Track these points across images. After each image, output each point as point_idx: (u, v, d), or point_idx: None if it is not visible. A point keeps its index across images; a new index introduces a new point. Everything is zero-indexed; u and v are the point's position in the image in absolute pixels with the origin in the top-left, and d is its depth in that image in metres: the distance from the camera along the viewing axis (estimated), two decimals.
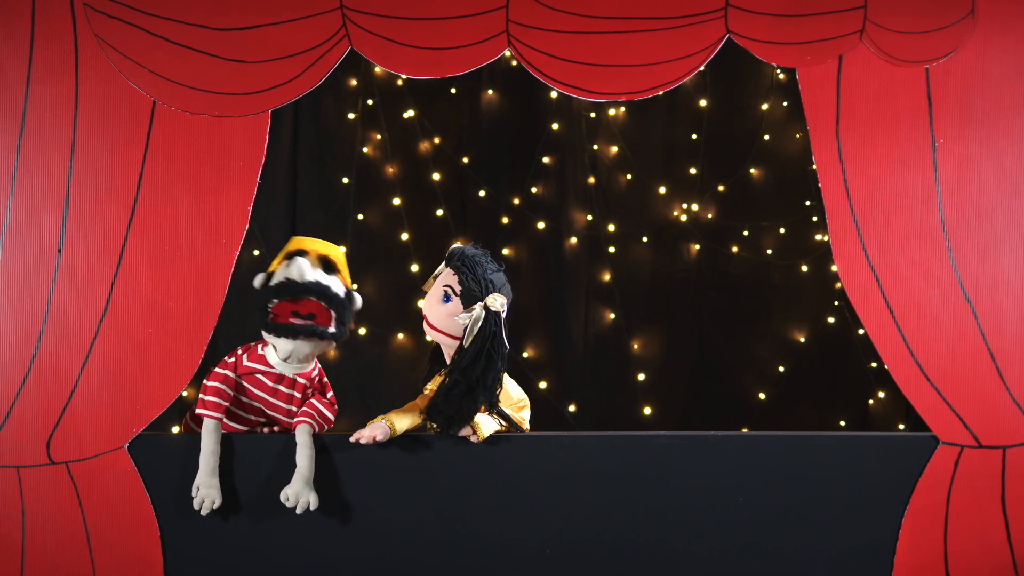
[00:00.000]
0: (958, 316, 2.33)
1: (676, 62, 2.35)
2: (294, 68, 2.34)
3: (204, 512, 2.21)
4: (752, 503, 2.32)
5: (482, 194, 3.98)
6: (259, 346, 2.36)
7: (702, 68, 2.40)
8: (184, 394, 2.51)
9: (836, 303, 4.01)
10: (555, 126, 4.00)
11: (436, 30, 2.35)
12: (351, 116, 3.92)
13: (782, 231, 4.07)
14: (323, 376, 2.47)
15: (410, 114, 3.94)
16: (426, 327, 2.35)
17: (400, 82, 3.91)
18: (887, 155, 2.34)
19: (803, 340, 4.05)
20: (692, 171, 4.08)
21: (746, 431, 3.76)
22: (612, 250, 4.03)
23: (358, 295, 2.39)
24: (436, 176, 3.95)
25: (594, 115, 4.03)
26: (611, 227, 4.04)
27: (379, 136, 3.94)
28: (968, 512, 2.34)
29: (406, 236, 3.92)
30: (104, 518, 2.32)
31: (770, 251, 4.07)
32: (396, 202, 3.93)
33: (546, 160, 4.01)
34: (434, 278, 2.38)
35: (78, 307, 2.30)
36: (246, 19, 2.33)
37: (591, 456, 2.34)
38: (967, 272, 2.34)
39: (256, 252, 3.78)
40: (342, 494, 2.31)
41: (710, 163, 4.07)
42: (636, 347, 4.04)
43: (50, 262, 2.31)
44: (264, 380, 2.34)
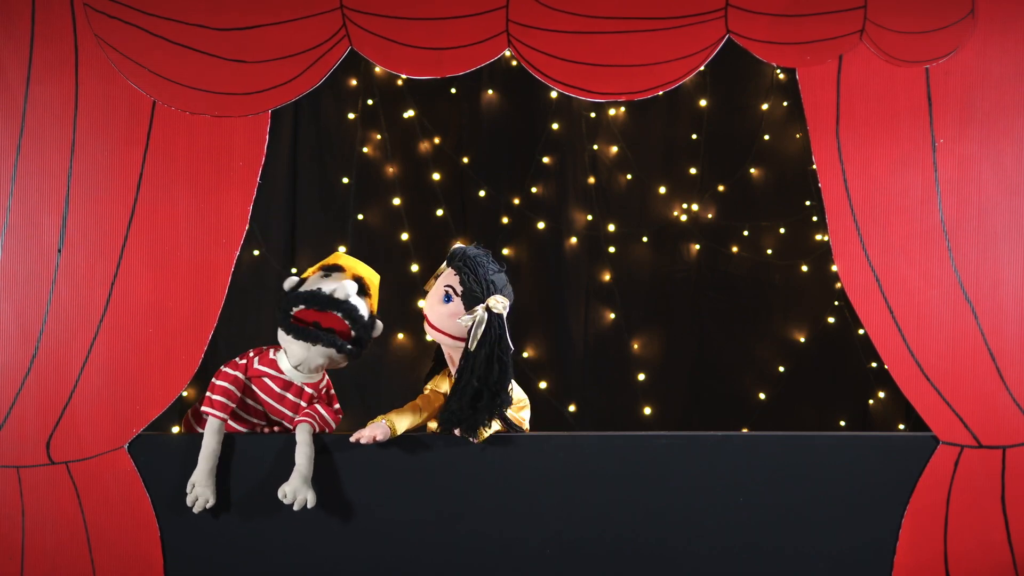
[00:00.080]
0: (958, 316, 2.33)
1: (676, 62, 2.35)
2: (294, 68, 2.34)
3: (196, 510, 2.21)
4: (752, 503, 2.32)
5: (482, 194, 3.98)
6: (271, 350, 2.37)
7: (702, 68, 2.40)
8: (184, 394, 2.51)
9: (836, 303, 4.01)
10: (555, 126, 4.00)
11: (436, 30, 2.35)
12: (351, 116, 3.92)
13: (782, 231, 4.08)
14: (331, 388, 2.49)
15: (410, 114, 3.94)
16: (426, 327, 2.35)
17: (400, 82, 3.91)
18: (887, 155, 2.34)
19: (803, 340, 4.06)
20: (692, 171, 4.08)
21: (746, 431, 3.76)
22: (612, 250, 4.03)
23: (380, 323, 2.40)
24: (436, 176, 3.95)
25: (594, 115, 4.03)
26: (611, 227, 4.04)
27: (379, 136, 3.94)
28: (968, 512, 2.34)
29: (406, 236, 3.92)
30: (104, 518, 2.32)
31: (770, 251, 4.07)
32: (396, 202, 3.93)
33: (546, 160, 4.01)
34: (435, 278, 2.38)
35: (78, 307, 2.30)
36: (246, 19, 2.33)
37: (591, 456, 2.34)
38: (967, 272, 2.34)
39: (256, 252, 3.78)
40: (342, 494, 2.31)
41: (710, 163, 4.07)
42: (636, 347, 4.04)
43: (50, 262, 2.31)
44: (272, 385, 2.35)
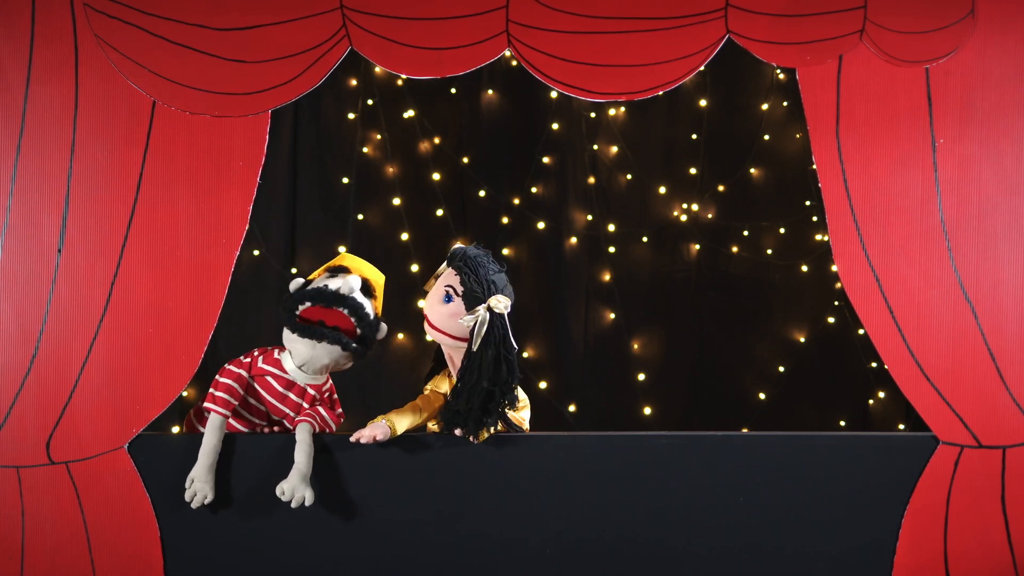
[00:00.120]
0: (958, 316, 2.33)
1: (676, 62, 2.35)
2: (294, 68, 2.34)
3: (194, 506, 2.21)
4: (752, 503, 2.32)
5: (482, 194, 3.98)
6: (276, 350, 2.37)
7: (702, 68, 2.40)
8: (184, 394, 2.51)
9: (836, 303, 4.01)
10: (555, 126, 4.00)
11: (436, 30, 2.35)
12: (351, 116, 3.92)
13: (782, 231, 4.08)
14: (334, 392, 2.49)
15: (410, 114, 3.94)
16: (427, 327, 2.35)
17: (400, 82, 3.92)
18: (887, 155, 2.34)
19: (803, 340, 4.06)
20: (692, 171, 4.08)
21: (746, 431, 3.76)
22: (612, 250, 4.04)
23: (384, 325, 2.41)
24: (436, 176, 3.95)
25: (594, 115, 4.03)
26: (611, 227, 4.04)
27: (379, 136, 3.94)
28: (968, 512, 2.34)
29: (406, 236, 3.92)
30: (104, 518, 2.32)
31: (770, 251, 4.07)
32: (396, 202, 3.93)
33: (546, 160, 4.02)
34: (435, 278, 2.37)
35: (78, 307, 2.30)
36: (246, 19, 2.33)
37: (591, 456, 2.34)
38: (967, 272, 2.34)
39: (256, 252, 3.78)
40: (342, 494, 2.31)
41: (710, 163, 4.07)
42: (636, 347, 4.04)
43: (50, 262, 2.31)
44: (275, 384, 2.35)
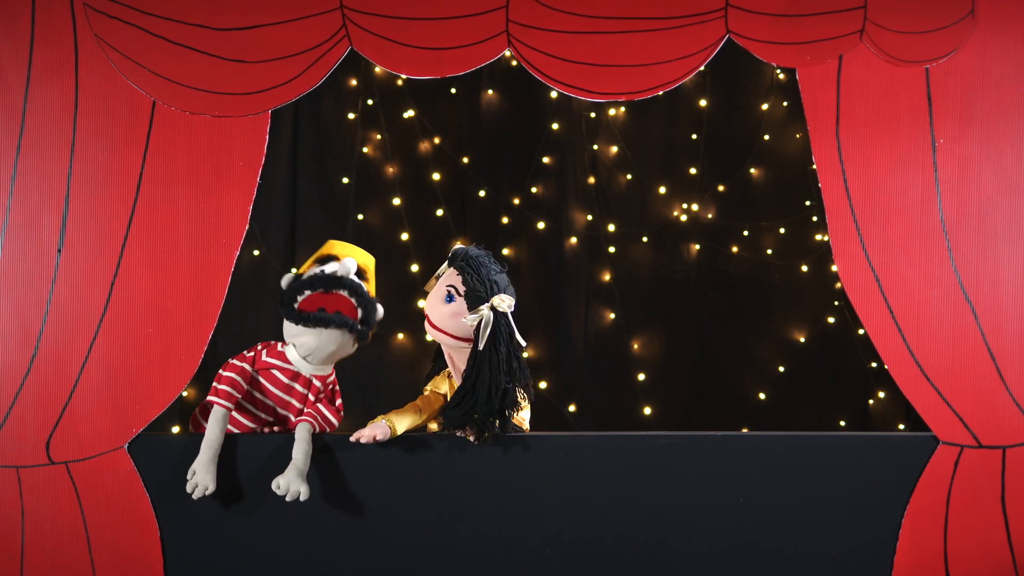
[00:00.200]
0: (958, 316, 2.33)
1: (676, 62, 2.35)
2: (294, 68, 2.34)
3: (195, 496, 2.18)
4: (752, 503, 2.32)
5: (482, 194, 3.98)
6: (279, 344, 2.38)
7: (702, 68, 2.40)
8: (184, 394, 2.51)
9: (836, 303, 4.01)
10: (555, 126, 4.00)
11: (436, 30, 2.35)
12: (351, 116, 3.92)
13: (782, 231, 4.08)
14: (336, 385, 2.49)
15: (410, 114, 3.94)
16: (427, 326, 2.35)
17: (400, 82, 3.92)
18: (887, 155, 2.34)
19: (803, 340, 4.06)
20: (692, 171, 4.08)
21: (746, 431, 3.76)
22: (612, 250, 4.04)
23: (381, 307, 2.40)
24: (436, 176, 3.95)
25: (594, 115, 4.04)
26: (611, 227, 4.04)
27: (379, 136, 3.94)
28: (968, 512, 2.34)
29: (406, 236, 3.92)
30: (104, 518, 2.32)
31: (770, 251, 4.08)
32: (396, 202, 3.93)
33: (546, 160, 4.02)
34: (436, 278, 2.37)
35: (78, 307, 2.30)
36: (246, 19, 2.33)
37: (591, 456, 2.34)
38: (967, 272, 2.34)
39: (256, 252, 3.78)
40: (342, 494, 2.31)
41: (710, 163, 4.07)
42: (636, 347, 4.04)
43: (50, 262, 2.31)
44: (280, 377, 2.35)
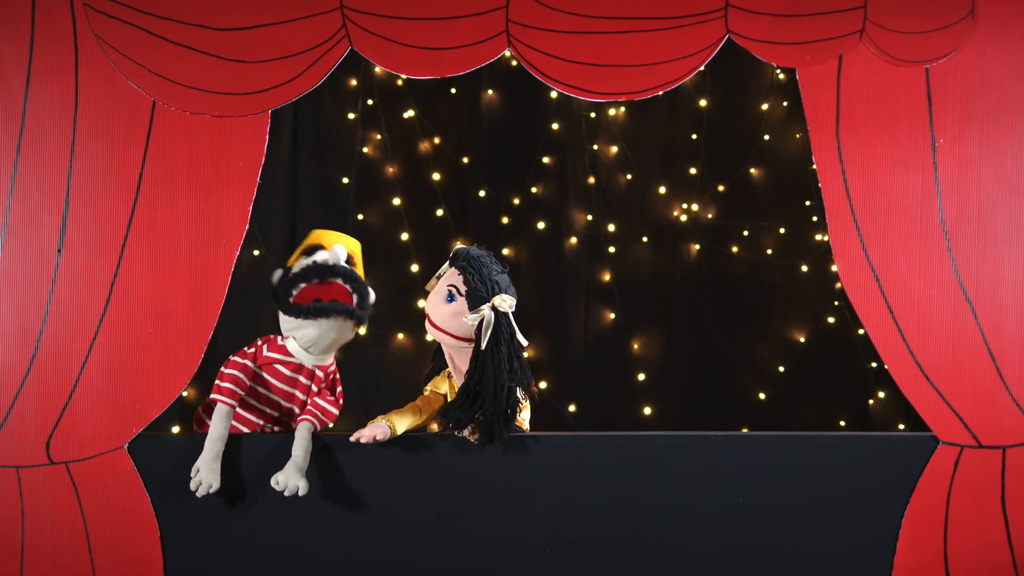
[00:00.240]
0: (958, 316, 2.33)
1: (676, 62, 2.35)
2: (294, 68, 2.34)
3: (200, 494, 2.17)
4: (752, 503, 2.32)
5: (482, 194, 3.98)
6: (279, 338, 2.38)
7: (702, 68, 2.40)
8: (184, 394, 2.51)
9: (836, 303, 4.01)
10: (555, 126, 4.00)
11: (436, 30, 2.35)
12: (351, 116, 3.92)
13: (782, 231, 4.08)
14: (337, 374, 2.49)
15: (410, 114, 3.94)
16: (428, 326, 2.35)
17: (400, 82, 3.91)
18: (887, 155, 2.34)
19: (803, 340, 4.06)
20: (692, 171, 4.08)
21: (746, 431, 3.76)
22: (612, 250, 4.04)
23: (372, 291, 2.40)
24: (436, 176, 3.95)
25: (594, 115, 4.03)
26: (611, 227, 4.04)
27: (379, 136, 3.94)
28: (968, 512, 2.34)
29: (406, 236, 3.92)
30: (104, 518, 2.32)
31: (770, 251, 4.07)
32: (396, 202, 3.93)
33: (546, 160, 4.02)
34: (437, 277, 2.37)
35: (78, 307, 2.30)
36: (246, 19, 2.33)
37: (591, 456, 2.34)
38: (967, 272, 2.34)
39: (256, 252, 3.78)
40: (342, 494, 2.31)
41: (710, 163, 4.07)
42: (636, 347, 4.04)
43: (50, 262, 2.31)
44: (283, 370, 2.35)
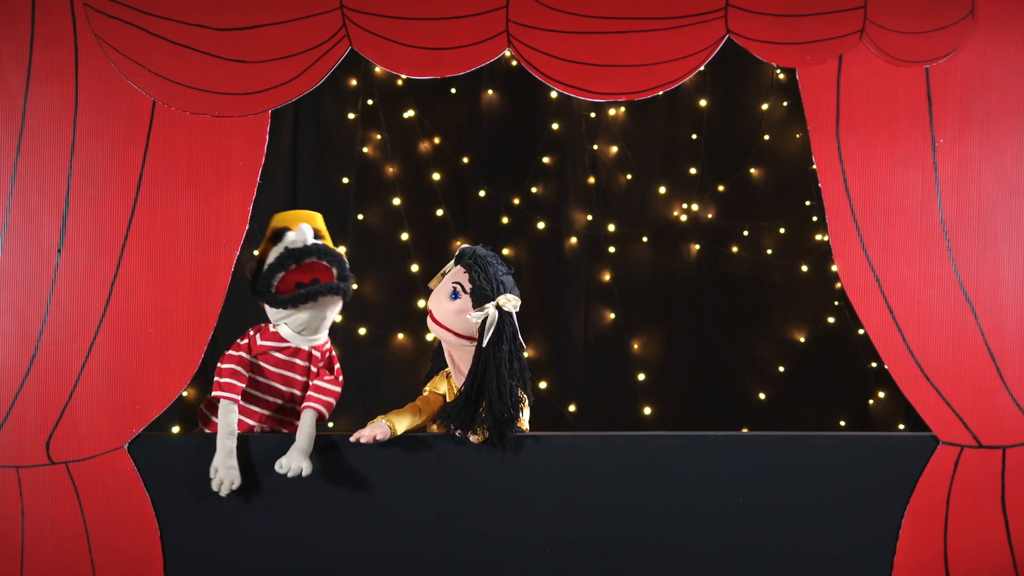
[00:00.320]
0: (958, 316, 2.33)
1: (676, 62, 2.35)
2: (294, 68, 2.34)
3: (224, 493, 2.20)
4: (752, 503, 2.32)
5: (482, 194, 3.98)
6: (270, 324, 2.38)
7: (702, 68, 2.40)
8: (184, 394, 2.51)
9: (836, 303, 4.01)
10: (555, 126, 4.00)
11: (436, 30, 2.35)
12: (351, 116, 3.92)
13: (782, 231, 4.08)
14: (332, 351, 2.49)
15: (410, 114, 3.94)
16: (430, 323, 2.34)
17: (400, 82, 3.92)
18: (887, 155, 2.34)
19: (803, 340, 4.06)
20: (692, 171, 4.08)
21: (746, 431, 3.76)
22: (612, 250, 4.04)
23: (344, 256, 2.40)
24: (436, 176, 3.96)
25: (594, 115, 4.04)
26: (611, 227, 4.04)
27: (379, 136, 3.94)
28: (968, 512, 2.34)
29: (406, 236, 3.92)
30: (104, 518, 2.32)
31: (770, 251, 4.08)
32: (396, 202, 3.93)
33: (546, 160, 4.02)
34: (442, 275, 2.38)
35: (78, 307, 2.30)
36: (246, 19, 2.33)
37: (591, 456, 2.34)
38: (967, 272, 2.34)
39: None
40: (342, 494, 2.31)
41: (710, 163, 4.07)
42: (636, 347, 4.04)
43: (50, 262, 2.31)
44: (280, 356, 2.36)
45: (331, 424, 3.61)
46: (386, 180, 3.95)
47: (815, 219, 4.00)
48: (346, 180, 3.90)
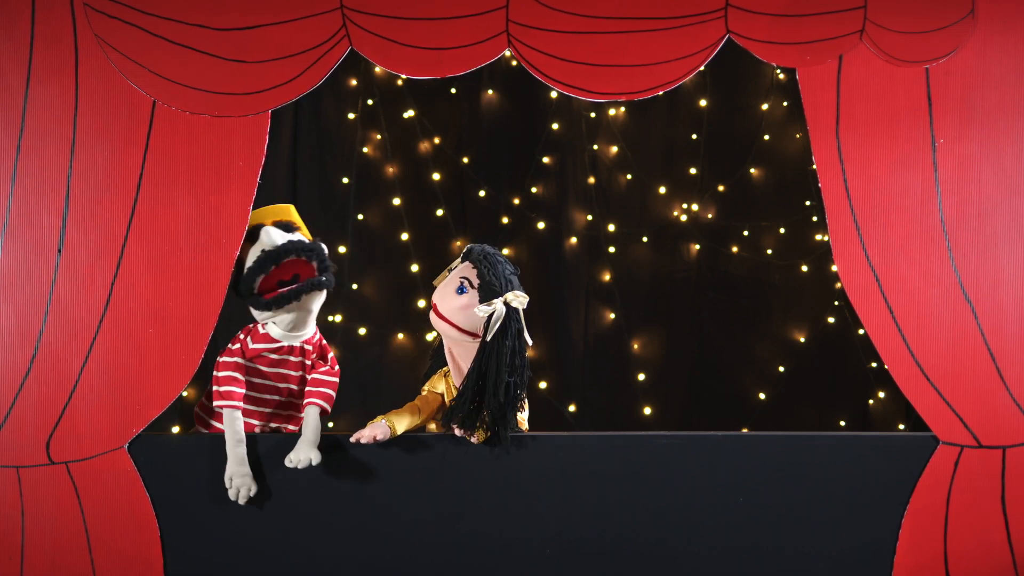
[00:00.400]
0: (958, 316, 2.33)
1: (676, 62, 2.35)
2: (294, 68, 2.33)
3: (242, 501, 2.21)
4: (752, 503, 2.32)
5: (482, 194, 3.98)
6: (259, 326, 2.38)
7: (702, 68, 2.40)
8: (184, 394, 2.51)
9: (836, 303, 4.01)
10: (555, 126, 4.00)
11: (436, 30, 2.35)
12: (351, 116, 3.92)
13: (782, 231, 4.08)
14: (323, 339, 2.49)
15: (410, 114, 3.94)
16: (433, 317, 2.33)
17: (400, 82, 3.92)
18: (887, 155, 2.34)
19: (803, 340, 4.06)
20: (692, 171, 4.08)
21: (746, 431, 3.76)
22: (612, 250, 4.04)
23: (324, 245, 2.41)
24: (436, 176, 3.96)
25: (594, 115, 4.04)
26: (611, 227, 4.04)
27: (379, 136, 3.94)
28: (968, 512, 2.34)
29: (406, 236, 3.92)
30: (104, 518, 2.32)
31: (770, 251, 4.08)
32: (396, 202, 3.93)
33: (546, 160, 4.02)
34: (448, 271, 2.38)
35: (78, 308, 2.30)
36: (246, 19, 2.33)
37: (591, 456, 2.34)
38: (967, 272, 2.34)
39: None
40: (342, 494, 2.31)
41: (710, 163, 4.07)
42: (636, 347, 4.04)
43: (50, 262, 2.31)
44: (273, 356, 2.37)
45: (331, 424, 3.61)
46: (386, 180, 3.95)
47: (815, 219, 4.01)
48: (346, 180, 3.90)
